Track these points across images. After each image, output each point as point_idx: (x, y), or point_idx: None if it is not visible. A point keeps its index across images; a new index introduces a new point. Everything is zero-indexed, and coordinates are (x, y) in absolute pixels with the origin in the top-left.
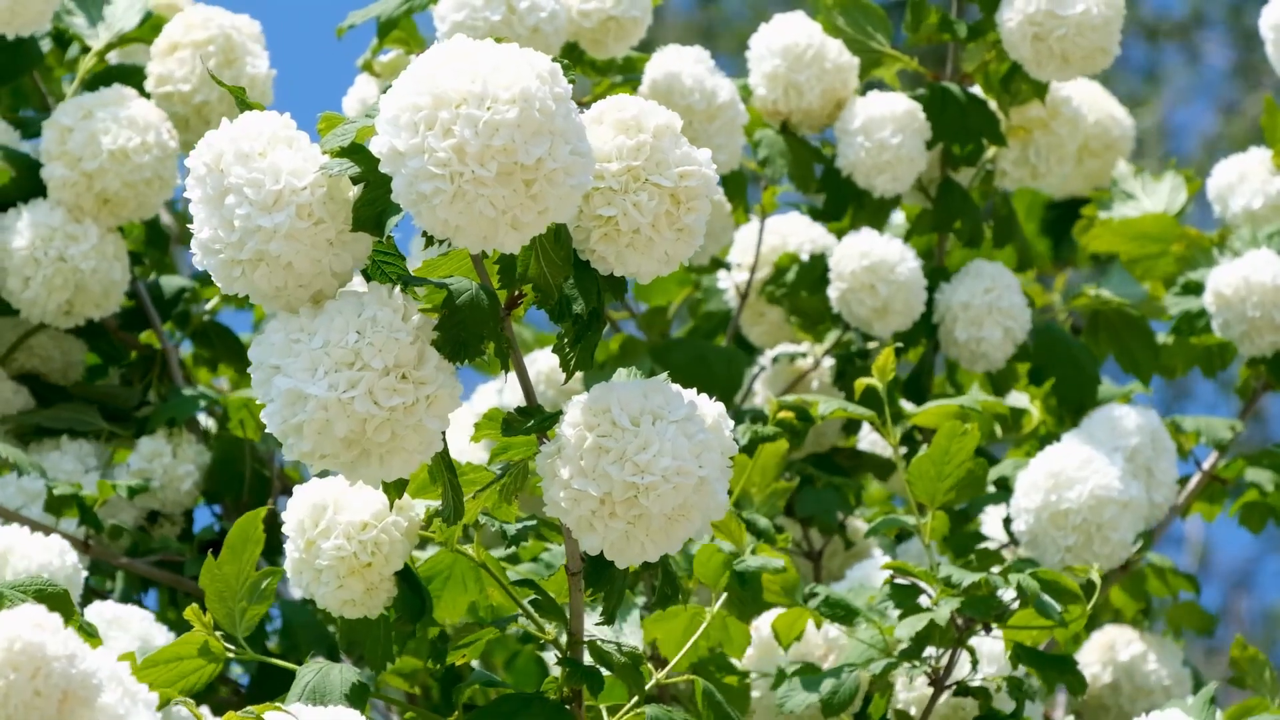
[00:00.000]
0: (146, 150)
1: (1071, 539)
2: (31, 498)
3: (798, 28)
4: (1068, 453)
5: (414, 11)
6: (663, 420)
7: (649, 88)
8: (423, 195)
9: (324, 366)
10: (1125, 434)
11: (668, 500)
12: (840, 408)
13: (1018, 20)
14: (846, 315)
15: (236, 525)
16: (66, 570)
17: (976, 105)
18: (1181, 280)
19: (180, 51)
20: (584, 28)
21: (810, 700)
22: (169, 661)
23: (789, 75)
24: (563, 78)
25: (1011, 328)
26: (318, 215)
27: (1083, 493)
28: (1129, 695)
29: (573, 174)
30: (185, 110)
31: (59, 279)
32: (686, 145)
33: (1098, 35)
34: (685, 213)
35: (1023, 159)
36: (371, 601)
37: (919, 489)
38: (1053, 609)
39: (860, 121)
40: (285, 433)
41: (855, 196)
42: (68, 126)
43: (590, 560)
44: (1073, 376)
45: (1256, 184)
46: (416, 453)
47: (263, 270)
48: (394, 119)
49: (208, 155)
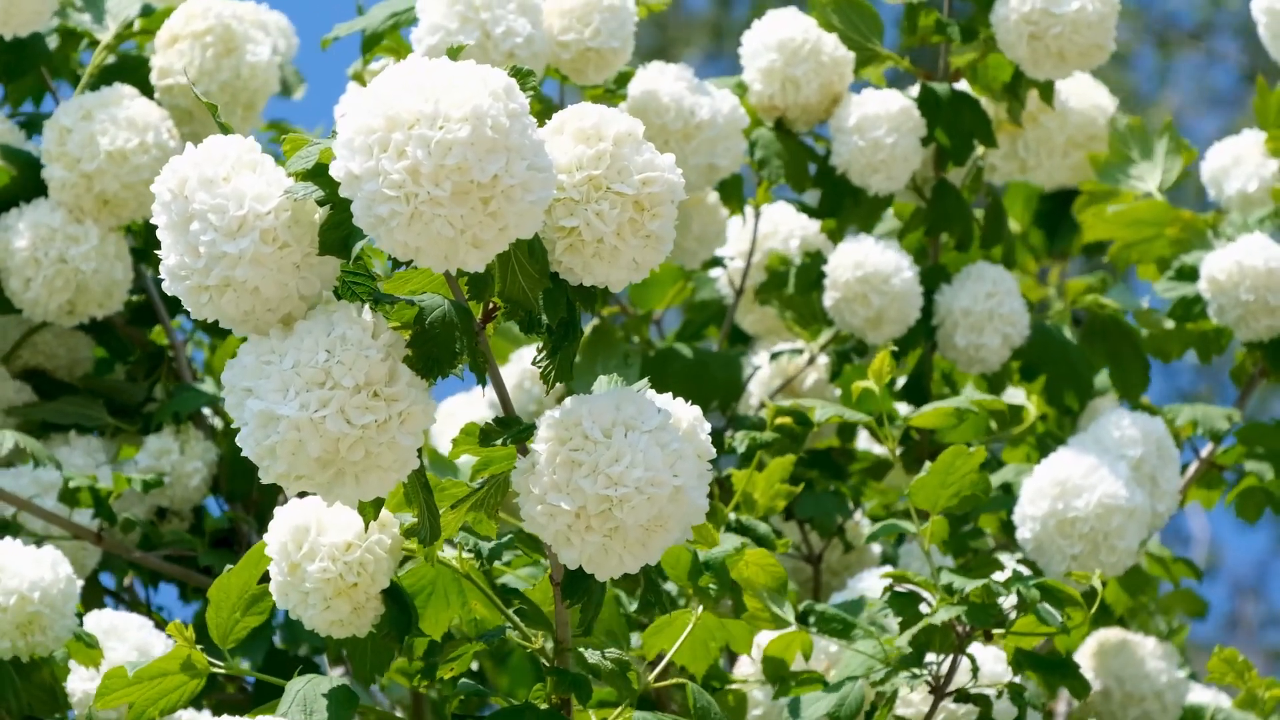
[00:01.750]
0: (145, 151)
1: (1078, 548)
2: (45, 488)
3: (793, 22)
4: (1073, 460)
5: (400, 26)
6: (635, 431)
7: (629, 105)
8: (380, 218)
9: (295, 387)
10: (1131, 443)
11: (642, 511)
12: (836, 414)
13: (1014, 19)
14: (840, 323)
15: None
16: (60, 584)
17: (968, 105)
18: (1176, 265)
19: (180, 43)
20: (563, 58)
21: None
22: (153, 678)
23: (785, 69)
24: (519, 93)
25: (1010, 334)
26: (283, 239)
27: (1090, 501)
28: (1120, 701)
29: (531, 189)
30: (187, 103)
31: (60, 280)
32: (650, 151)
33: (1094, 32)
34: (650, 219)
35: (1012, 153)
36: (359, 621)
37: (919, 498)
38: (1053, 617)
39: (855, 120)
40: (260, 455)
41: (850, 194)
42: (67, 127)
43: (568, 573)
44: (1065, 376)
45: (1251, 167)
46: (392, 470)
47: (230, 296)
48: (349, 142)
49: (172, 181)
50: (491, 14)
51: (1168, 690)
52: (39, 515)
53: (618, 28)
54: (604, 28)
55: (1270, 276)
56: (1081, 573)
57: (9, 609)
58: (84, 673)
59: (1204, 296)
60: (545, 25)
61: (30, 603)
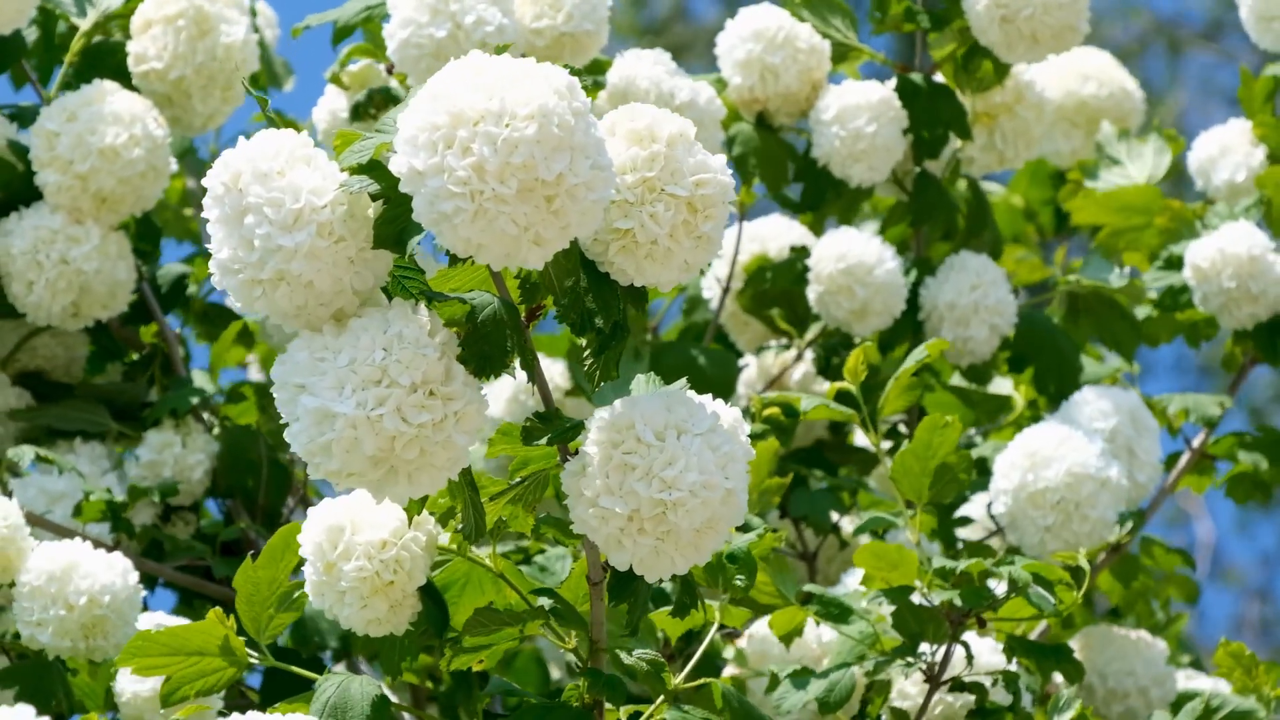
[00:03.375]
0: (136, 144)
1: (1050, 518)
2: (53, 499)
3: (767, 13)
4: (1045, 432)
5: (373, 19)
6: (687, 434)
7: (608, 92)
8: (444, 215)
9: (351, 384)
10: (1103, 415)
11: (696, 515)
12: (822, 404)
13: (985, 3)
14: (825, 316)
15: (278, 534)
16: (128, 591)
17: (944, 96)
18: (1164, 255)
19: (154, 28)
20: (537, 45)
21: (807, 699)
22: (190, 655)
23: (764, 58)
24: (581, 91)
25: (997, 324)
26: (338, 233)
27: (1059, 471)
28: (1103, 698)
29: (594, 189)
30: (164, 88)
31: (62, 282)
32: (701, 152)
33: (1065, 13)
34: (703, 221)
35: (990, 145)
36: (397, 619)
37: (904, 486)
38: (1045, 600)
39: (835, 111)
40: (312, 452)
41: (832, 187)
42: (54, 131)
43: (615, 574)
44: (1054, 364)
45: (1239, 157)
46: (444, 469)
47: (284, 290)
48: (412, 138)
49: (225, 175)
50: (461, 5)
51: (1153, 686)
52: (52, 530)
53: (590, 10)
54: (576, 11)
55: (1253, 264)
56: (1067, 552)
57: (77, 609)
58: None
59: (1189, 285)
60: (517, 14)
61: (99, 606)
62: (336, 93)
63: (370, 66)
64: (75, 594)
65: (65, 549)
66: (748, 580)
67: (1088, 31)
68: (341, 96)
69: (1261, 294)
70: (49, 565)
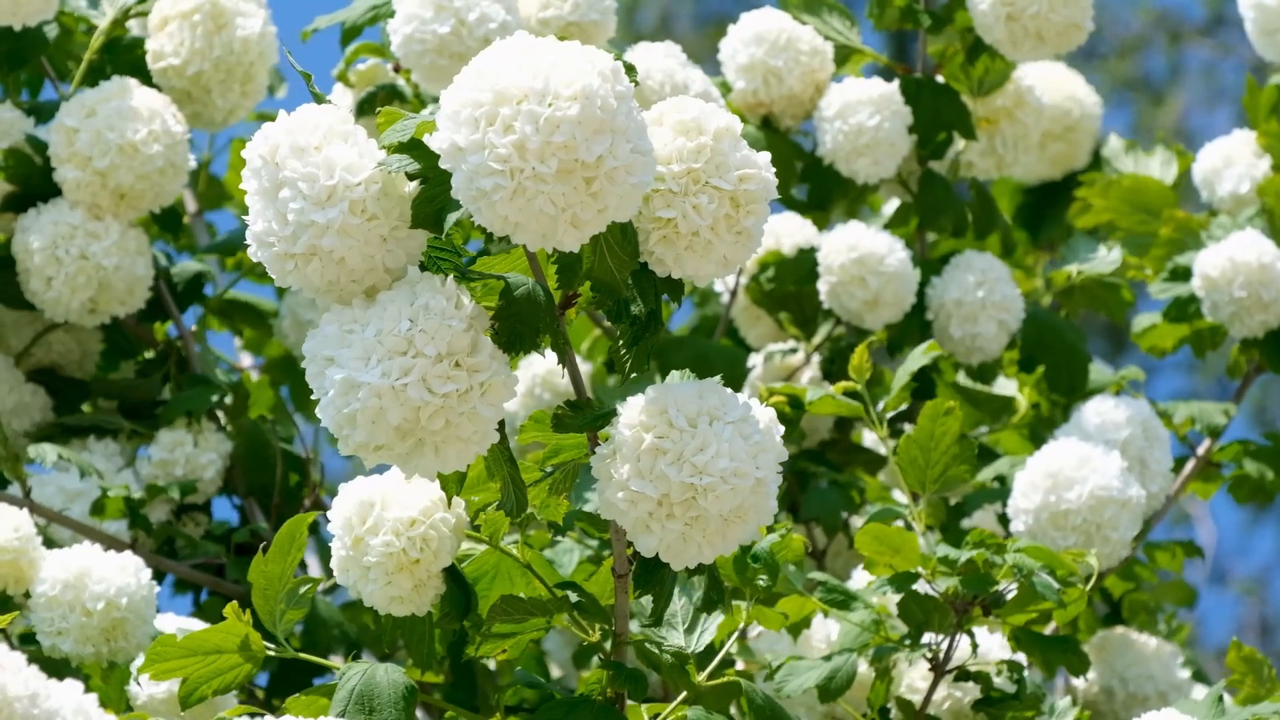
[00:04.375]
0: (155, 140)
1: (1072, 539)
2: (70, 498)
3: (768, 18)
4: (1065, 451)
5: (380, 19)
6: (719, 421)
7: None
8: (482, 191)
9: (376, 355)
10: (1116, 427)
11: (726, 501)
12: (828, 395)
13: (990, 1)
14: (837, 309)
15: (285, 526)
16: (143, 591)
17: (948, 96)
18: (1170, 265)
19: (170, 25)
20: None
21: (807, 684)
22: (208, 654)
23: (766, 61)
24: (624, 76)
25: (1005, 320)
26: (371, 211)
27: (1082, 493)
28: (1123, 701)
29: (634, 173)
30: (183, 84)
31: (81, 277)
32: (746, 148)
33: (1070, 10)
34: (745, 216)
35: (989, 149)
36: (419, 598)
37: (909, 476)
38: (1050, 588)
39: (837, 107)
40: (340, 424)
41: (838, 185)
42: (73, 128)
43: (641, 561)
44: (1063, 362)
45: (1243, 167)
46: (472, 442)
47: (315, 265)
48: (454, 114)
49: (263, 147)
50: (465, 1)
51: (1171, 691)
52: (70, 527)
53: (597, 1)
54: (583, 1)
55: (1263, 272)
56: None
57: (96, 614)
58: None
59: (1198, 294)
60: (521, 10)
61: (117, 608)
62: (343, 91)
63: (377, 65)
64: (92, 599)
65: (76, 555)
66: (770, 580)
67: (1091, 29)
68: (347, 95)
69: (1273, 302)
70: (62, 573)
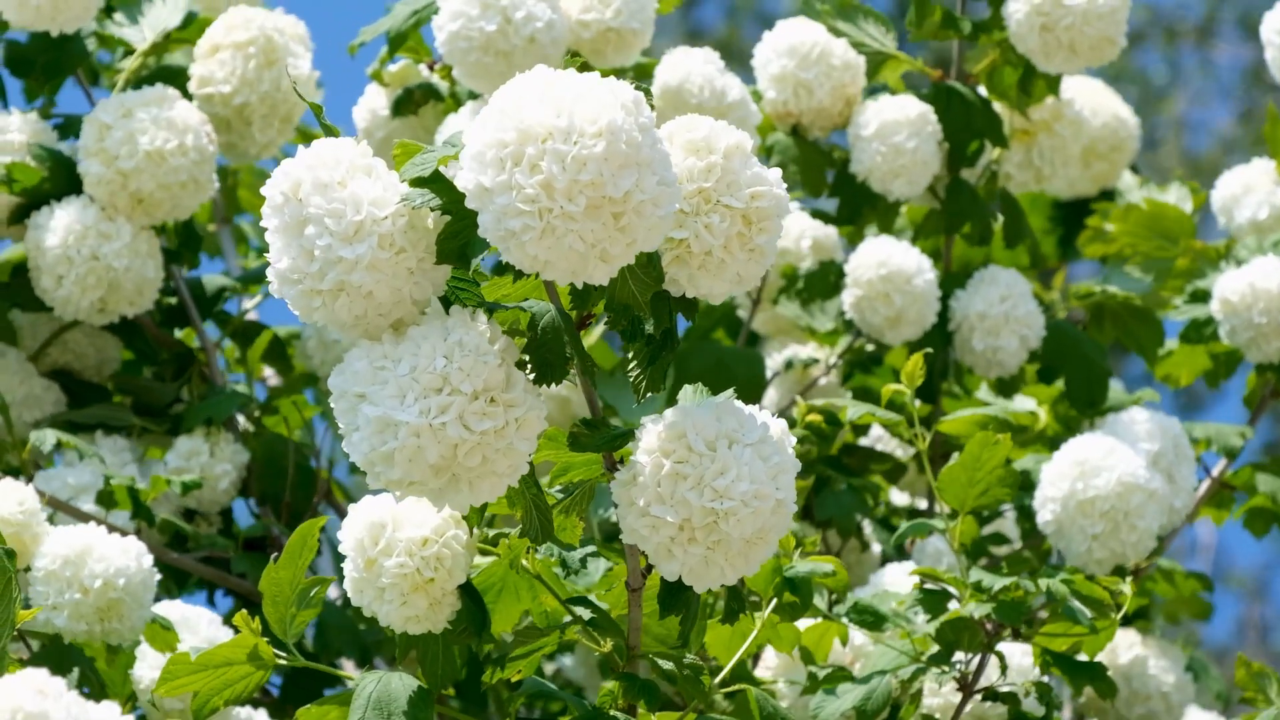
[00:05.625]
0: (183, 153)
1: (1099, 526)
2: (77, 491)
3: (802, 29)
4: (1092, 442)
5: (422, 23)
6: (738, 444)
7: (659, 91)
8: (511, 232)
9: (413, 393)
10: (1148, 437)
11: (747, 525)
12: (869, 412)
13: (1025, 11)
14: (859, 321)
15: (297, 532)
16: (142, 575)
17: (981, 106)
18: (1189, 289)
19: (221, 53)
20: (583, 38)
21: (844, 708)
22: (218, 667)
23: (797, 74)
24: (646, 106)
25: (1027, 335)
26: (399, 245)
27: (1110, 480)
28: (1126, 700)
29: (660, 204)
30: (226, 112)
31: (92, 277)
32: (757, 165)
33: (1105, 24)
34: (757, 234)
35: (1027, 162)
36: (435, 617)
37: (949, 494)
38: (1082, 614)
39: (875, 127)
40: (373, 461)
41: (868, 200)
42: (106, 124)
43: (665, 586)
44: (1084, 374)
45: (1262, 195)
46: (505, 476)
47: (343, 300)
48: (479, 155)
49: (285, 184)
50: (511, 0)
51: (1174, 691)
52: (75, 517)
53: (638, 10)
54: (625, 8)
55: None
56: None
57: (92, 592)
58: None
59: (1216, 318)
60: (564, 8)
61: (114, 589)
62: (376, 91)
63: (411, 65)
64: (90, 577)
65: (79, 533)
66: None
67: (1124, 45)
68: (381, 95)
69: None
70: (63, 549)
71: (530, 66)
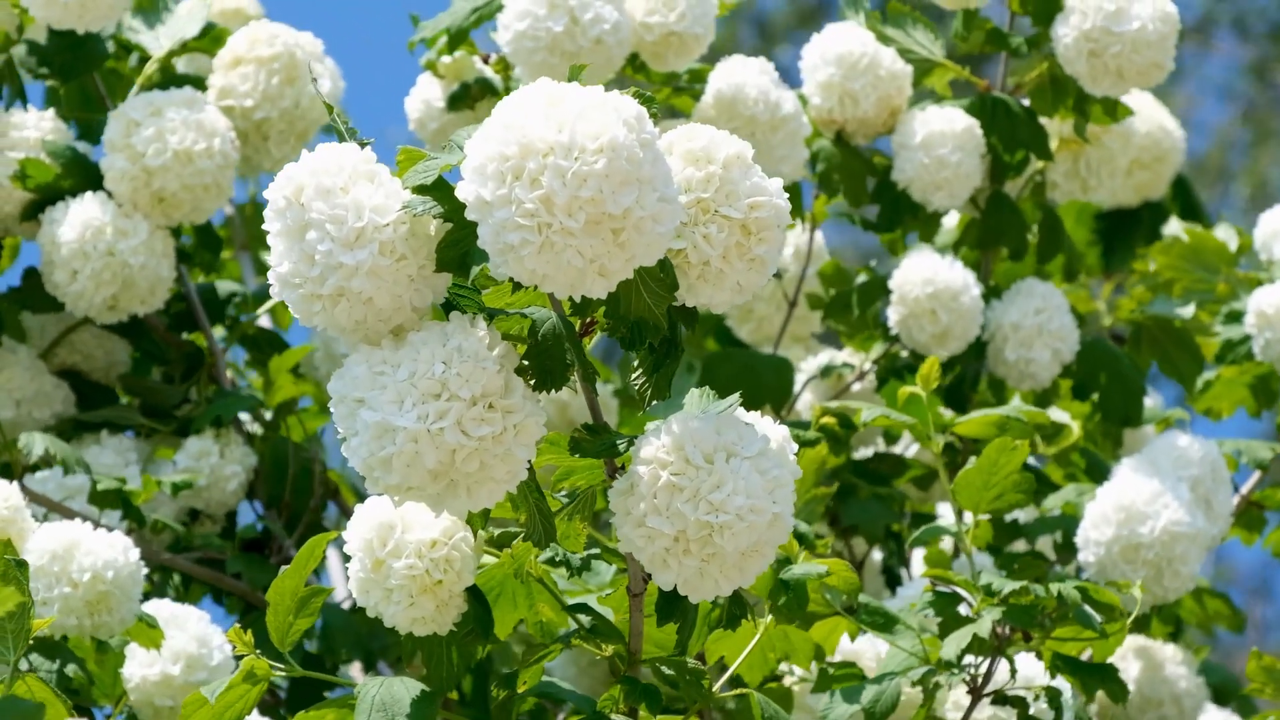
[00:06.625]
0: (210, 156)
1: (1142, 573)
2: (71, 493)
3: (851, 36)
4: (1136, 485)
5: (484, 20)
6: (736, 457)
7: (713, 98)
8: (510, 246)
9: (411, 398)
10: (1189, 464)
11: (742, 538)
12: (882, 415)
13: (1074, 36)
14: (905, 338)
15: (306, 545)
16: (130, 568)
17: (1026, 117)
18: (1225, 310)
19: (244, 66)
20: (645, 40)
21: (853, 710)
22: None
23: (844, 84)
24: (649, 121)
25: (1060, 349)
26: (400, 252)
27: (1155, 528)
28: (1138, 705)
29: (661, 221)
30: (245, 125)
31: (107, 273)
32: (758, 175)
33: (1153, 51)
34: (756, 244)
35: (1073, 172)
36: (442, 618)
37: (963, 496)
38: (1093, 619)
39: (920, 137)
40: (371, 466)
41: (909, 210)
42: (135, 120)
43: (662, 595)
44: (1118, 390)
45: None
46: (504, 482)
47: (344, 305)
48: (480, 168)
49: (288, 188)
50: (580, 0)
51: (1185, 696)
52: (68, 517)
53: (701, 15)
54: (689, 13)
55: None
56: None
57: (81, 586)
58: (143, 658)
59: (1250, 333)
60: (628, 10)
61: (103, 582)
62: (429, 81)
63: (466, 57)
64: (79, 571)
65: (66, 528)
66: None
67: (1172, 69)
68: (434, 85)
69: None
70: (51, 544)
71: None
